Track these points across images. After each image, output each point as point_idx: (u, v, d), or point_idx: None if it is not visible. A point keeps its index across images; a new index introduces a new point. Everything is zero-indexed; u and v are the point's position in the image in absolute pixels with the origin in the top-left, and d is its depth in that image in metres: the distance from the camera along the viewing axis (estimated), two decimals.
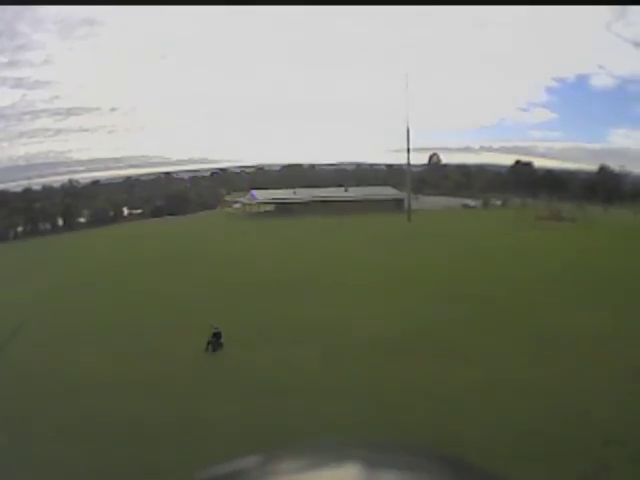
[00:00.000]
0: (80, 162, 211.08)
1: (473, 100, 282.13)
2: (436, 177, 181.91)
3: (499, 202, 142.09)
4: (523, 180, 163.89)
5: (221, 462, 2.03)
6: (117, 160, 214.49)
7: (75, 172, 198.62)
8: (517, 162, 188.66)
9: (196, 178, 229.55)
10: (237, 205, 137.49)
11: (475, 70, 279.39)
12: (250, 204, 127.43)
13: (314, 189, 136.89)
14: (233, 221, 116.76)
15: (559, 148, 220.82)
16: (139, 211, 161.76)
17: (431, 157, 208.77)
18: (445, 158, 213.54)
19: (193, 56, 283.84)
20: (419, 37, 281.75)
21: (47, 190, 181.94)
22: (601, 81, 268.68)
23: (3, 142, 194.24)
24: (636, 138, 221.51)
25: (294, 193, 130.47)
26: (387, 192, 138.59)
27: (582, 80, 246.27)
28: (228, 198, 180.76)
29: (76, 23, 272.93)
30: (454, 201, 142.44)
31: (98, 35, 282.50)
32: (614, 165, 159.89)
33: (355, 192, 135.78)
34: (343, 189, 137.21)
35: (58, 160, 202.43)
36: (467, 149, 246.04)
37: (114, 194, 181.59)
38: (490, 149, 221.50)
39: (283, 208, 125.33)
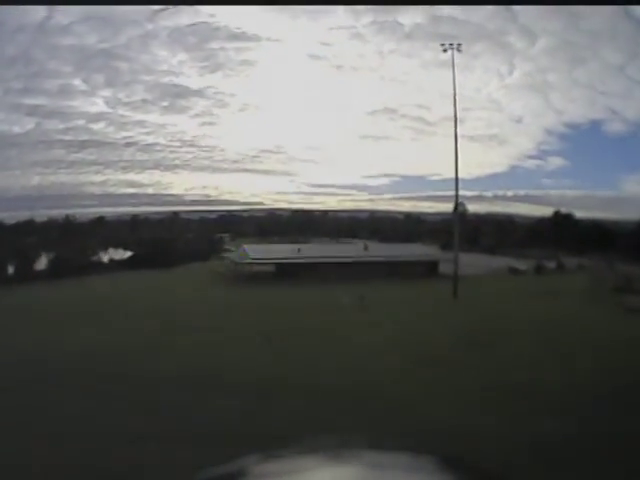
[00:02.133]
0: (93, 197, 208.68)
1: (482, 146, 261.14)
2: (464, 229, 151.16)
3: (552, 264, 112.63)
4: (566, 234, 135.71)
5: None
6: (131, 196, 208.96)
7: (85, 206, 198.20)
8: (556, 213, 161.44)
9: (204, 220, 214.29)
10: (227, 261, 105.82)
11: (485, 115, 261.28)
12: (242, 262, 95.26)
13: (325, 245, 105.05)
14: (213, 288, 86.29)
15: (572, 196, 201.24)
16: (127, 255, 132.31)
17: (457, 206, 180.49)
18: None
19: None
20: (426, 80, 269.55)
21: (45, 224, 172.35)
22: (615, 127, 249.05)
23: (16, 170, 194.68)
24: None
25: (299, 251, 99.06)
26: (417, 251, 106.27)
27: (595, 126, 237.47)
28: (230, 247, 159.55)
29: (92, 54, 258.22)
30: (495, 262, 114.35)
31: (116, 68, 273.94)
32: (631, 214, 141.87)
33: (377, 250, 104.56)
34: (362, 246, 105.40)
35: (70, 192, 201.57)
36: (480, 198, 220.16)
37: (112, 232, 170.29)
38: (504, 197, 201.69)
39: (285, 269, 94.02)
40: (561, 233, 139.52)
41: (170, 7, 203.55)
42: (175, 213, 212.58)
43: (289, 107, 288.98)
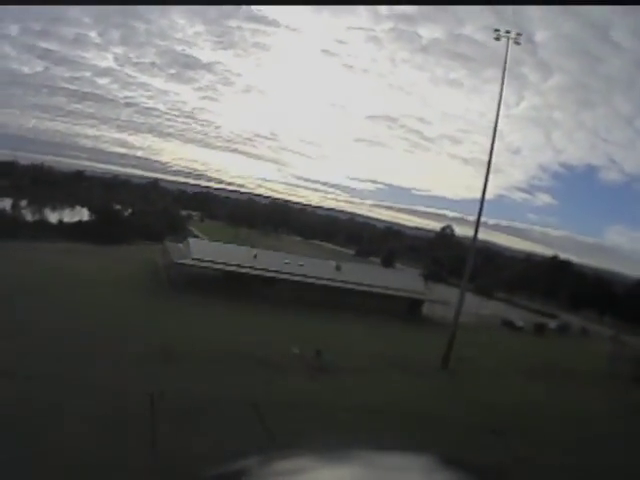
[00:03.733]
0: (83, 149, 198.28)
1: (474, 171, 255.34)
2: (449, 256, 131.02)
3: (552, 324, 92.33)
4: (565, 284, 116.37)
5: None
6: (120, 156, 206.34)
7: (74, 157, 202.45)
8: (554, 258, 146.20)
9: (182, 193, 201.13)
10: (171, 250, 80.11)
11: (483, 140, 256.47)
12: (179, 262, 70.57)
13: (289, 256, 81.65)
14: (129, 288, 62.93)
15: (554, 235, 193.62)
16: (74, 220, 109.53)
17: (444, 229, 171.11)
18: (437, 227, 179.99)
19: None
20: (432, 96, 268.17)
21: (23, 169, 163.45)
22: (610, 175, 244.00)
23: (15, 109, 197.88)
24: (631, 237, 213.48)
25: (255, 257, 76.00)
26: (398, 281, 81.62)
27: (591, 171, 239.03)
28: (193, 228, 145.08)
29: (113, 9, 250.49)
30: (487, 306, 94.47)
31: (133, 28, 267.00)
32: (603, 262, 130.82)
33: (351, 273, 79.70)
34: (334, 265, 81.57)
35: (62, 141, 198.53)
36: (461, 220, 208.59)
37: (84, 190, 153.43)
38: (485, 225, 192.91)
39: (233, 278, 70.77)
40: (559, 282, 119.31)
41: None
42: (156, 180, 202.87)
43: (292, 97, 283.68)
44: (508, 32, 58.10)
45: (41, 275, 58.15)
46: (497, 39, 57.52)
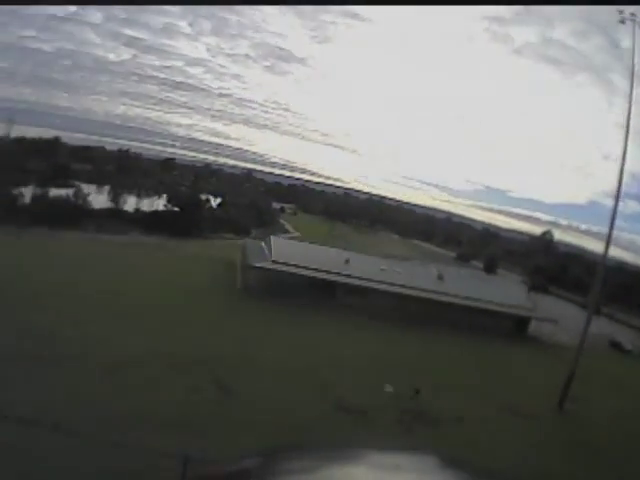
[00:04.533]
0: (175, 137, 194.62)
1: (567, 175, 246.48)
2: (551, 263, 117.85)
3: None
4: None
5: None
6: (214, 146, 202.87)
7: (166, 145, 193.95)
8: None
9: (277, 184, 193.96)
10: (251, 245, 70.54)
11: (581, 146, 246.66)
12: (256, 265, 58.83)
13: (385, 261, 69.66)
14: (198, 290, 52.08)
15: None
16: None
17: (544, 234, 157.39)
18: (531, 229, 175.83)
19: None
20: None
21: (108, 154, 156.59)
22: None
23: (103, 96, 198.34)
24: None
25: (346, 262, 63.67)
26: (507, 295, 66.92)
27: None
28: (285, 222, 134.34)
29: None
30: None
31: (224, 19, 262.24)
32: None
33: (455, 284, 66.03)
34: (435, 273, 68.60)
35: (153, 129, 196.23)
36: (554, 224, 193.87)
37: (168, 177, 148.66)
38: (577, 230, 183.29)
39: (320, 285, 58.67)
40: None
41: None
42: (250, 171, 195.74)
43: (388, 93, 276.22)
44: (634, 15, 47.45)
45: (80, 277, 48.24)
46: (622, 22, 47.16)
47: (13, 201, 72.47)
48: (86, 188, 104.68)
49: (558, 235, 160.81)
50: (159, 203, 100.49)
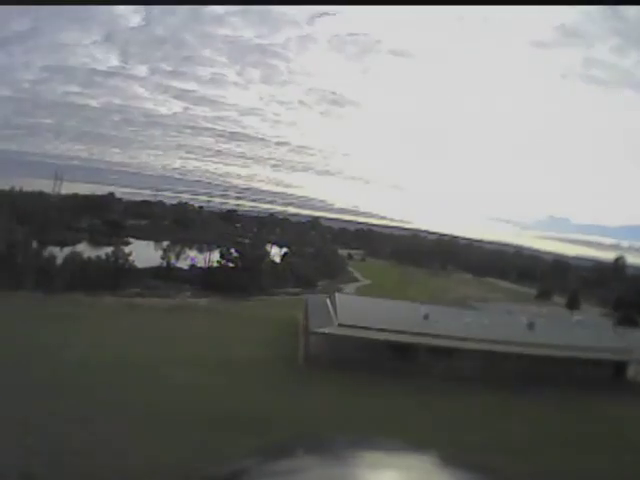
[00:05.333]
0: (236, 189, 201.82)
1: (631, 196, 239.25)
2: (631, 291, 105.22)
3: None
4: None
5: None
6: (277, 195, 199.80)
7: (227, 197, 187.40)
8: None
9: (344, 231, 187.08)
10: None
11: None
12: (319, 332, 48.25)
13: (466, 313, 59.39)
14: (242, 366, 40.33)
15: None
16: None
17: (617, 259, 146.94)
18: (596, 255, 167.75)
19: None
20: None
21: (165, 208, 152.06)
22: None
23: (158, 150, 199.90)
24: None
25: (425, 318, 52.34)
26: (599, 336, 55.05)
27: None
28: (353, 270, 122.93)
29: (248, 48, 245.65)
30: None
31: (273, 66, 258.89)
32: None
33: (546, 332, 53.92)
34: (525, 323, 55.96)
35: (213, 182, 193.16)
36: (616, 247, 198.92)
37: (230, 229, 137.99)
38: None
39: (395, 352, 46.63)
40: None
41: (330, 12, 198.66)
42: (316, 218, 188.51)
43: (441, 128, 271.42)
44: None
45: (96, 354, 38.05)
46: None
47: (48, 262, 64.08)
48: (141, 245, 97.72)
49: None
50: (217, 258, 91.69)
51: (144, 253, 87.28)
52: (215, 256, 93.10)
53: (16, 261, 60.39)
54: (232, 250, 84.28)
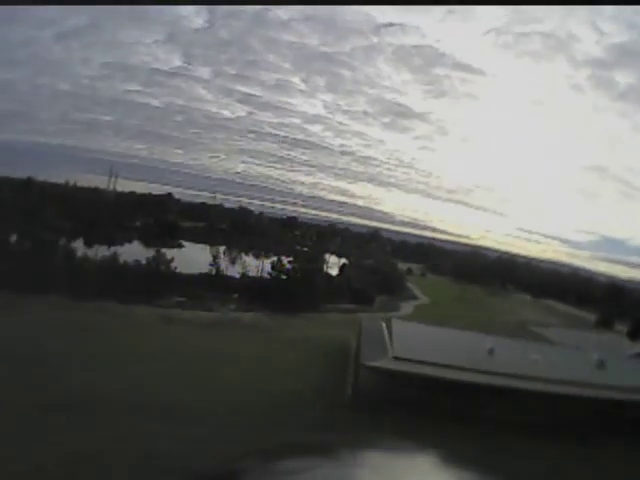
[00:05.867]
0: (298, 196, 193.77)
1: None
2: None
3: None
4: None
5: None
6: (339, 205, 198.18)
7: (288, 204, 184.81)
8: None
9: (405, 243, 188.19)
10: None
11: None
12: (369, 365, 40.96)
13: (538, 345, 53.20)
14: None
15: None
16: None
17: None
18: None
19: None
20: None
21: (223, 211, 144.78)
22: None
23: (220, 153, 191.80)
24: None
25: (490, 353, 45.39)
26: None
27: None
28: (412, 286, 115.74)
29: (313, 55, 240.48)
30: None
31: (338, 75, 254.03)
32: None
33: (616, 372, 45.77)
34: (595, 360, 47.54)
35: (275, 188, 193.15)
36: None
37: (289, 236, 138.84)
38: None
39: (457, 392, 38.51)
40: None
41: (395, 23, 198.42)
42: (377, 230, 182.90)
43: (504, 146, 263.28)
44: None
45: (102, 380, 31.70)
46: None
47: (84, 264, 58.15)
48: (195, 248, 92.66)
49: None
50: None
51: (196, 257, 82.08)
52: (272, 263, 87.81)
53: (50, 260, 54.87)
54: (285, 261, 77.97)
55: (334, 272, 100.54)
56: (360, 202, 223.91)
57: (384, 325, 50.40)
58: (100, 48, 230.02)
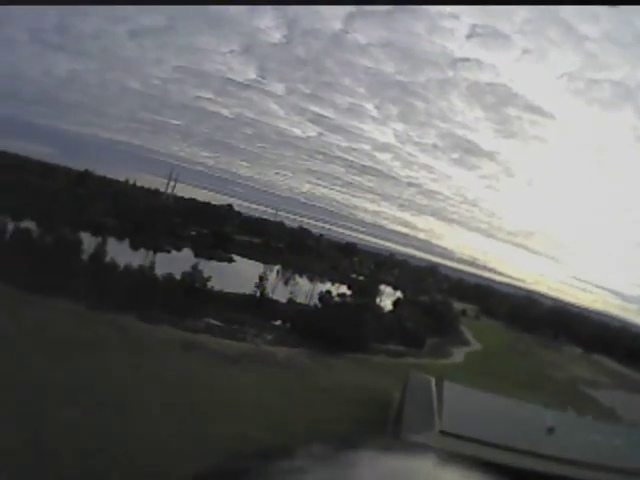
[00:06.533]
0: (360, 222, 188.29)
1: None
2: None
3: None
4: None
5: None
6: (400, 235, 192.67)
7: (350, 229, 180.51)
8: None
9: (462, 282, 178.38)
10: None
11: None
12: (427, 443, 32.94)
13: (598, 423, 45.02)
14: None
15: None
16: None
17: None
18: None
19: None
20: None
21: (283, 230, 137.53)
22: None
23: (287, 170, 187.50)
24: None
25: (550, 432, 36.44)
26: None
27: None
28: (465, 329, 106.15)
29: (388, 83, 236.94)
30: None
31: (412, 105, 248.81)
32: None
33: None
34: None
35: (338, 212, 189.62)
36: None
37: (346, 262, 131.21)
38: None
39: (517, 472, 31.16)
40: None
41: (470, 58, 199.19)
42: (435, 265, 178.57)
43: (567, 192, 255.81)
44: None
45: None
46: None
47: (110, 270, 50.85)
48: (246, 263, 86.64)
49: None
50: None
51: (245, 273, 75.44)
52: (325, 288, 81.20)
53: (73, 259, 47.87)
54: (335, 293, 70.32)
55: (387, 305, 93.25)
56: (421, 235, 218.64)
57: (433, 385, 42.37)
58: (174, 50, 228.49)
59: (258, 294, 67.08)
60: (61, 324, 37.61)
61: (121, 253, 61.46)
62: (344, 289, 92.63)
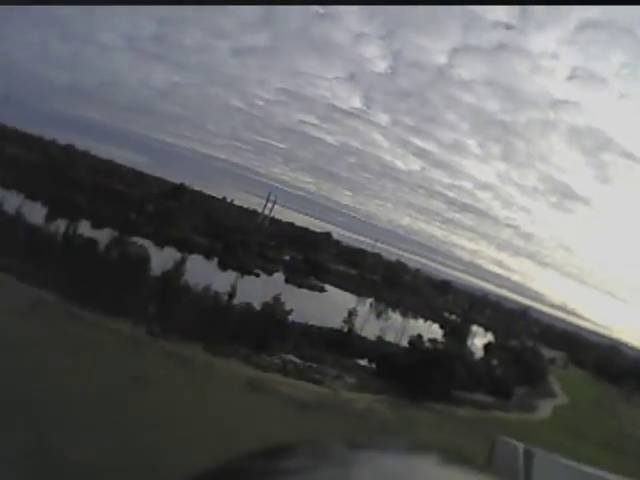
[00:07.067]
0: (457, 260, 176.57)
1: None
2: None
3: None
4: None
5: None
6: (494, 276, 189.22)
7: (446, 266, 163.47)
8: None
9: (550, 328, 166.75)
10: None
11: None
12: None
13: None
14: None
15: None
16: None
17: None
18: None
19: None
20: None
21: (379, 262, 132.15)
22: None
23: (388, 202, 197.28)
24: None
25: None
26: None
27: None
28: (553, 379, 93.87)
29: (491, 121, 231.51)
30: None
31: (513, 145, 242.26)
32: None
33: None
34: None
35: (436, 248, 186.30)
36: None
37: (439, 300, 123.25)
38: None
39: None
40: None
41: (571, 101, 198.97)
42: (526, 308, 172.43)
43: None
44: None
45: None
46: None
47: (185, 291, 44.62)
48: (337, 294, 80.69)
49: None
50: (425, 331, 70.68)
51: (336, 305, 68.77)
52: (416, 325, 74.66)
53: (140, 277, 41.89)
54: (425, 338, 62.29)
55: (478, 348, 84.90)
56: (515, 277, 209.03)
57: (521, 453, 34.30)
58: (277, 72, 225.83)
59: (345, 329, 59.85)
60: (110, 350, 31.20)
61: (205, 273, 55.81)
62: (436, 328, 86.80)
